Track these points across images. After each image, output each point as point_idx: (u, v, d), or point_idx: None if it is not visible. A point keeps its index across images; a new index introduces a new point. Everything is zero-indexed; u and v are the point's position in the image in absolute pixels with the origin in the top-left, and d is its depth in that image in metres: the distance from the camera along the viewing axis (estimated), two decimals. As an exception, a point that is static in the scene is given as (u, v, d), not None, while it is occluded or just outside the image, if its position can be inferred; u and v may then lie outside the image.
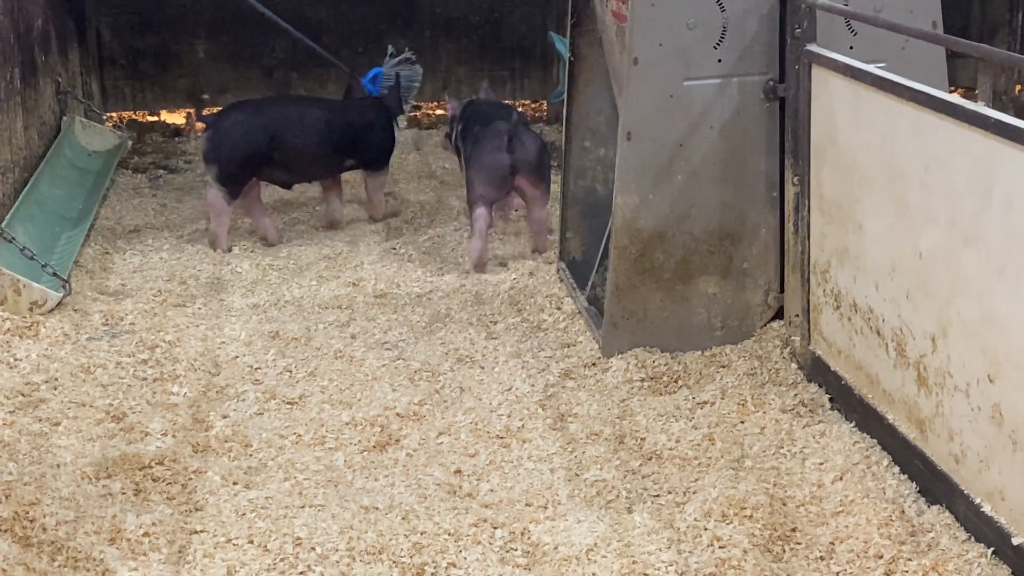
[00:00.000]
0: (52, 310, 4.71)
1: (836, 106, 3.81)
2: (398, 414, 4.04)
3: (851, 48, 4.09)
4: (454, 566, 3.20)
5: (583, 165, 5.13)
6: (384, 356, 4.51)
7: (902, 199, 3.46)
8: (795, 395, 4.01)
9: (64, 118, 6.62)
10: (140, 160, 7.01)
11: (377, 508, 3.47)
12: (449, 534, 3.33)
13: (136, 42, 7.57)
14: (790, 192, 4.16)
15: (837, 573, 3.15)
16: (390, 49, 6.30)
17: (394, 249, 5.62)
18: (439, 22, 7.77)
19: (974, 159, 3.10)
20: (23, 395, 4.08)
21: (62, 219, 5.71)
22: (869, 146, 3.63)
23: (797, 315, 4.21)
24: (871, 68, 3.62)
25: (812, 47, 3.95)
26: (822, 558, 3.22)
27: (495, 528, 3.37)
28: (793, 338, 4.24)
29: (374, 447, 3.86)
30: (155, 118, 7.75)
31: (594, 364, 4.39)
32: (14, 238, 4.86)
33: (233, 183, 5.52)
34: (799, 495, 3.48)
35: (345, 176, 6.00)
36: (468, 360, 4.49)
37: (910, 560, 3.13)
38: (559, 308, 4.88)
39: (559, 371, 4.36)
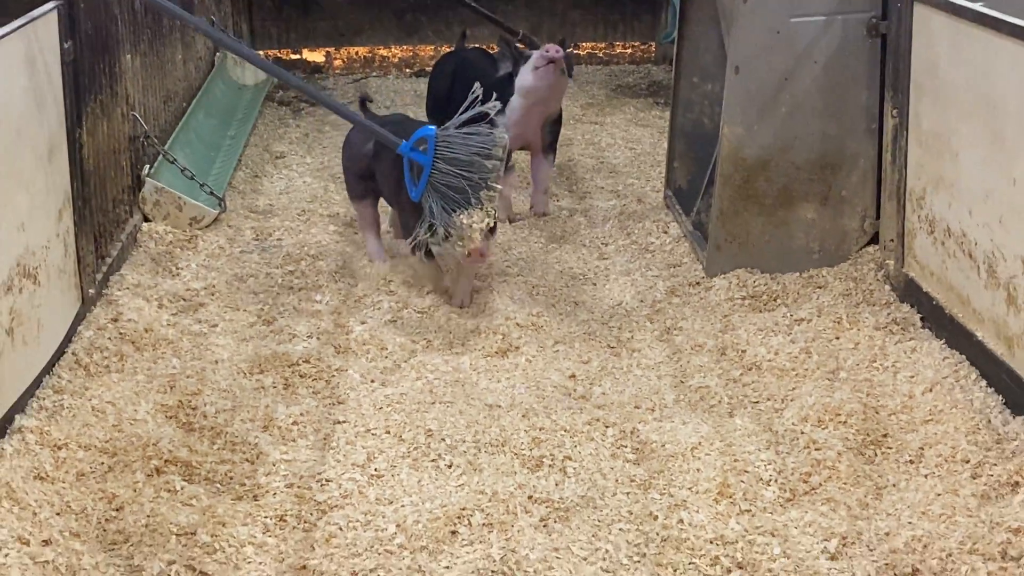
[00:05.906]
0: (209, 225, 4.84)
1: (936, 42, 3.70)
2: (518, 324, 4.08)
3: (952, -13, 3.97)
4: (569, 459, 3.24)
5: (691, 99, 5.07)
6: (505, 273, 4.55)
7: (998, 130, 3.37)
8: (888, 314, 3.96)
9: (217, 54, 6.73)
10: (285, 94, 7.11)
11: (500, 406, 3.52)
12: (565, 431, 3.37)
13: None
14: (889, 124, 4.07)
15: (926, 475, 3.12)
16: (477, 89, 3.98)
17: (519, 175, 5.64)
18: (556, -32, 7.72)
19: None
20: (184, 300, 4.21)
21: (216, 145, 5.83)
22: (968, 80, 3.53)
23: (892, 240, 4.14)
24: (972, 5, 3.52)
25: (915, -15, 3.84)
26: (911, 462, 3.20)
27: (607, 427, 3.40)
28: (887, 261, 4.17)
29: (496, 353, 3.91)
30: (298, 56, 7.86)
31: (698, 283, 4.38)
32: (175, 159, 4.98)
33: None
34: (891, 404, 3.45)
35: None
36: (581, 278, 4.51)
37: (995, 465, 3.09)
38: (666, 232, 4.86)
39: (665, 289, 4.36)
